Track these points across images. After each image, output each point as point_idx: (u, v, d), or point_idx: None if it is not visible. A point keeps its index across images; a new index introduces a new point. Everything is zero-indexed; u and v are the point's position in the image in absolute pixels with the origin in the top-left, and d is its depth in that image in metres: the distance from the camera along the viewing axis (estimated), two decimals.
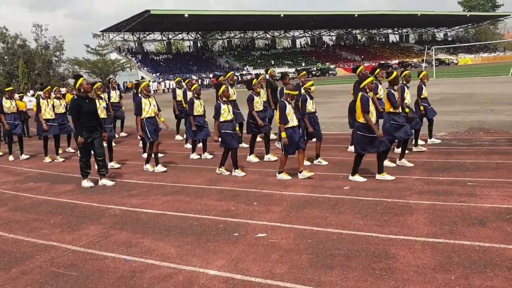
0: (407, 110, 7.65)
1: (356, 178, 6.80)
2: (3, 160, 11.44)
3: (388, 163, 7.44)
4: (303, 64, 72.44)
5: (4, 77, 58.41)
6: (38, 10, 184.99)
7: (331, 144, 9.91)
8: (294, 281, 3.65)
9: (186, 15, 61.19)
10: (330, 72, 66.41)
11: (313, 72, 63.45)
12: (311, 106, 7.96)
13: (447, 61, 74.41)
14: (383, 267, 3.79)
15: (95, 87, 9.30)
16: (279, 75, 11.06)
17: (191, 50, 79.41)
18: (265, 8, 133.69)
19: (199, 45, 79.63)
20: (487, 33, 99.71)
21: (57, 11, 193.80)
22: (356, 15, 74.02)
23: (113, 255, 4.48)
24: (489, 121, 11.48)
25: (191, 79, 13.16)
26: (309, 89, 8.12)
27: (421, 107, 8.81)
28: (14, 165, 10.55)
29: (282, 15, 68.15)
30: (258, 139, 9.74)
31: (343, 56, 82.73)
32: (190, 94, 10.67)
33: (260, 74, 10.39)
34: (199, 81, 53.07)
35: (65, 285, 3.88)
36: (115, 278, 3.95)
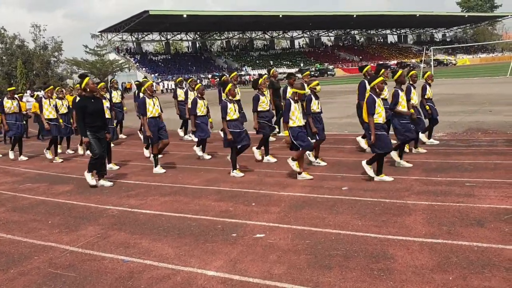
0: (412, 111, 7.54)
1: (384, 178, 6.65)
2: (1, 161, 11.43)
3: (404, 163, 7.42)
4: (302, 65, 72.36)
5: (2, 78, 58.34)
6: (37, 11, 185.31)
7: (330, 145, 9.90)
8: (292, 282, 3.65)
9: (185, 16, 61.21)
10: (329, 73, 66.46)
11: (312, 73, 63.44)
12: (316, 106, 7.89)
13: (446, 62, 74.49)
14: (381, 268, 3.79)
15: (99, 87, 9.25)
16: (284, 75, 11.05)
17: (190, 51, 79.40)
18: (264, 9, 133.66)
19: (198, 46, 79.64)
20: (485, 34, 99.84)
21: (56, 12, 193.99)
22: (355, 16, 74.11)
23: (111, 256, 4.47)
24: (487, 122, 11.50)
25: (194, 79, 13.00)
26: (315, 89, 8.04)
27: (427, 107, 8.78)
28: (12, 166, 10.54)
29: (281, 16, 68.22)
30: (271, 139, 9.70)
31: (342, 57, 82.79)
32: (192, 94, 10.64)
33: (263, 75, 10.35)
34: (198, 81, 52.91)
35: (63, 286, 3.88)
36: (113, 279, 3.94)
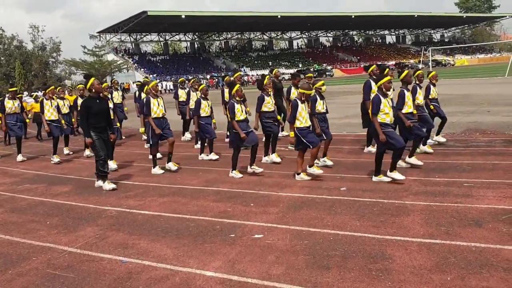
0: (415, 112, 7.47)
1: (383, 179, 6.62)
2: (0, 162, 11.41)
3: (416, 161, 7.41)
4: (300, 65, 72.42)
5: (1, 79, 58.27)
6: (35, 11, 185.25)
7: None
8: (291, 282, 3.66)
9: (183, 16, 61.15)
10: (327, 73, 66.50)
11: (305, 74, 63.35)
12: (322, 107, 7.86)
13: (444, 62, 74.64)
14: (380, 268, 3.80)
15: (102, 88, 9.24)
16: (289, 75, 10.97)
17: (188, 51, 79.40)
18: (262, 9, 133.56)
19: (196, 46, 79.65)
20: (484, 34, 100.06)
21: (54, 12, 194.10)
22: (353, 16, 74.17)
23: (110, 257, 4.47)
24: (486, 122, 11.52)
25: (197, 79, 12.91)
26: (320, 89, 7.99)
27: (431, 106, 8.76)
28: (11, 166, 10.52)
29: (279, 16, 68.25)
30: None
31: (340, 57, 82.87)
32: (195, 95, 10.58)
33: (266, 75, 10.29)
34: (202, 82, 52.89)
35: (62, 287, 3.87)
36: (112, 280, 3.94)
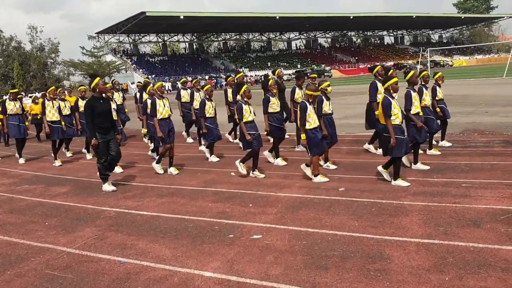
0: (421, 114, 7.42)
1: (400, 183, 6.44)
2: None
3: (422, 166, 7.36)
4: (299, 66, 72.51)
5: None
6: (34, 12, 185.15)
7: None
8: (289, 283, 3.66)
9: (182, 17, 61.12)
10: (326, 74, 66.48)
11: (308, 74, 63.37)
12: (328, 107, 7.84)
13: (442, 63, 74.75)
14: (378, 268, 3.80)
15: None
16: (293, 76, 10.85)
17: (187, 52, 79.43)
18: (261, 10, 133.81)
19: (195, 47, 79.68)
20: (482, 35, 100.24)
21: (53, 13, 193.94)
22: (351, 17, 74.29)
23: (108, 257, 4.47)
24: (484, 123, 11.53)
25: (199, 80, 12.85)
26: (326, 90, 7.95)
27: (438, 109, 8.73)
28: (9, 167, 10.51)
29: (278, 17, 68.29)
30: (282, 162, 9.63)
31: (338, 58, 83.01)
32: (198, 95, 10.55)
33: (268, 75, 10.21)
34: (204, 82, 52.88)
35: None
36: (110, 280, 3.94)
